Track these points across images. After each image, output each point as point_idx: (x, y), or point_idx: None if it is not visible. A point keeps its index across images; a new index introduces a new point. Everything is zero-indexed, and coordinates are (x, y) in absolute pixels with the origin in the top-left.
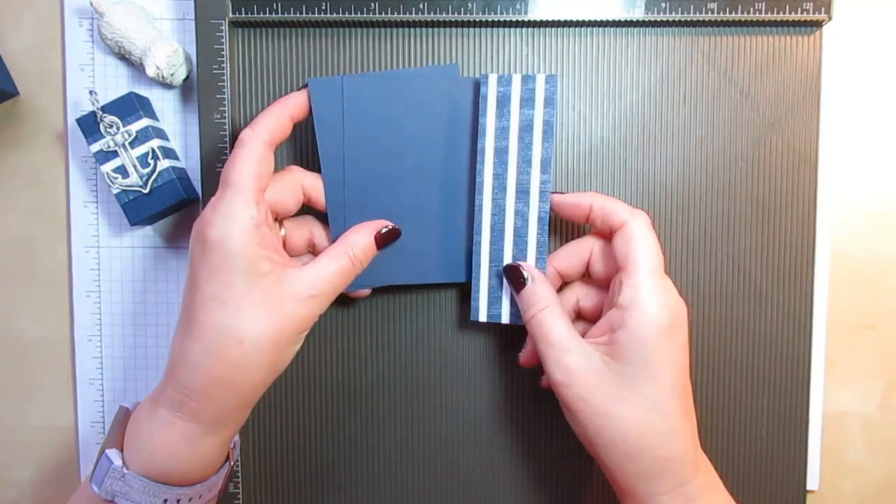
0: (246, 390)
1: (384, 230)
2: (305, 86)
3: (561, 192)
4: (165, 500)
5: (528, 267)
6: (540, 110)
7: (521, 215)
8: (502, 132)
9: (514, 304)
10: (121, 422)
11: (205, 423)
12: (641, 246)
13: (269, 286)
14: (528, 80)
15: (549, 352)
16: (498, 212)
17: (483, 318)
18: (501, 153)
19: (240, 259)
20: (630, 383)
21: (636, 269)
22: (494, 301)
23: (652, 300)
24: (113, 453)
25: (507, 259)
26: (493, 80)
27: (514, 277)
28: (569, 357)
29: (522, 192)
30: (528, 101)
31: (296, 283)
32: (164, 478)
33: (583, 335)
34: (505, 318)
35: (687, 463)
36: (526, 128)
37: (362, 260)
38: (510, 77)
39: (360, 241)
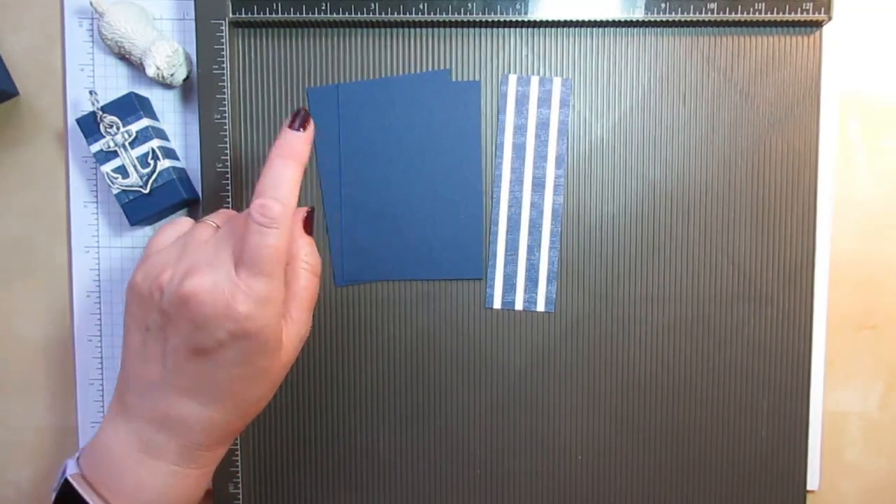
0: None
1: (306, 214)
2: (296, 120)
3: None
4: None
5: None
6: (556, 110)
7: (537, 207)
8: (520, 129)
9: (527, 291)
10: (88, 487)
11: (213, 465)
12: None
13: (280, 353)
14: (545, 81)
15: None
16: (514, 203)
17: (498, 305)
18: (519, 149)
19: (272, 343)
20: None
21: None
22: (509, 289)
23: None
24: None
25: (523, 248)
26: (513, 80)
27: None
28: None
29: (538, 186)
30: (544, 101)
31: (290, 344)
32: None
33: None
34: (519, 305)
35: None
36: (542, 125)
37: (312, 262)
38: (529, 78)
39: (297, 251)
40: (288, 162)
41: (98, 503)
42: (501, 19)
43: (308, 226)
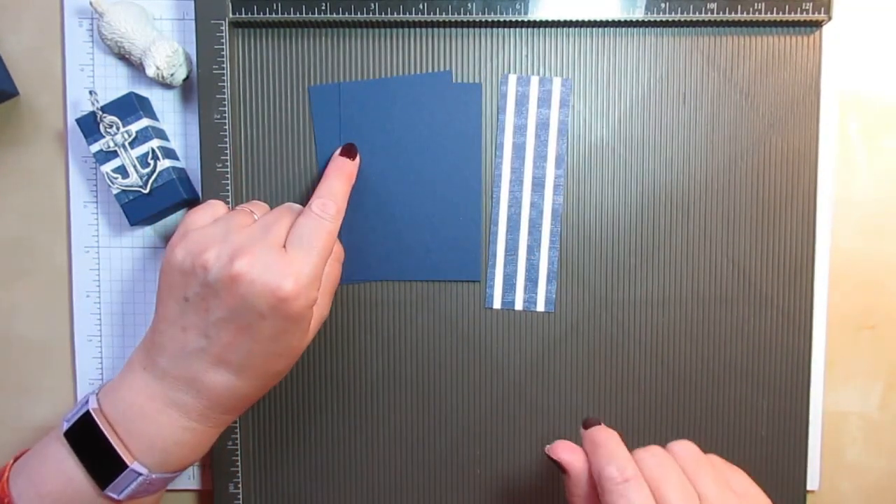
0: None
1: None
2: (350, 151)
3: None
4: (176, 476)
5: (566, 455)
6: (556, 110)
7: (536, 207)
8: (520, 129)
9: (527, 291)
10: (110, 428)
11: (222, 427)
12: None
13: (307, 335)
14: (545, 81)
15: None
16: (514, 203)
17: (497, 305)
18: (519, 149)
19: (307, 322)
20: None
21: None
22: (509, 289)
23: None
24: (138, 466)
25: (523, 248)
26: (513, 80)
27: (555, 462)
28: None
29: (538, 186)
30: (544, 101)
31: (315, 321)
32: (182, 467)
33: None
34: (518, 305)
35: None
36: (542, 125)
37: (337, 253)
38: (528, 78)
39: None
40: (342, 177)
41: (114, 440)
42: (501, 19)
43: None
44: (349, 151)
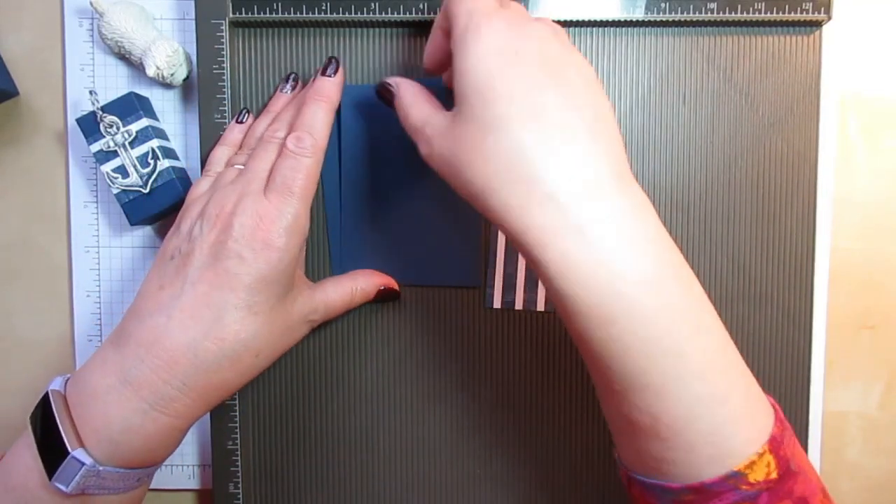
0: (231, 394)
1: (386, 288)
2: (329, 67)
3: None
4: (139, 479)
5: (393, 79)
6: None
7: None
8: None
9: (527, 291)
10: (64, 411)
11: (186, 420)
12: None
13: (289, 305)
14: None
15: (416, 136)
16: None
17: (498, 304)
18: None
19: (286, 277)
20: (463, 119)
21: (456, 10)
22: (509, 288)
23: (470, 30)
24: (80, 454)
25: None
26: None
27: (384, 95)
28: (426, 128)
29: None
30: None
31: (305, 305)
32: (139, 464)
33: None
34: (519, 305)
35: (565, 185)
36: None
37: (358, 302)
38: None
39: (365, 286)
40: (320, 103)
41: (64, 423)
42: None
43: (379, 295)
44: (332, 67)
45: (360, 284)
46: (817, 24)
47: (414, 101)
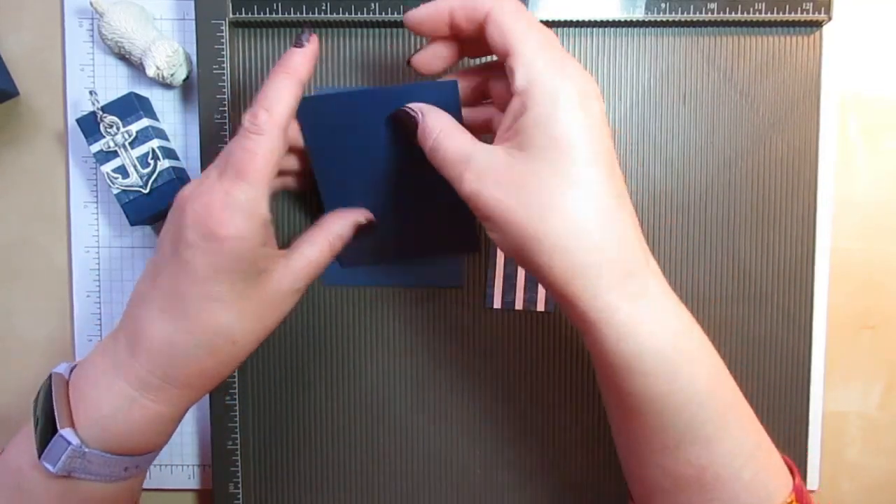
0: (221, 379)
1: (363, 223)
2: (300, 38)
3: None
4: (126, 468)
5: (416, 106)
6: None
7: None
8: None
9: (527, 291)
10: (62, 393)
11: (176, 407)
12: (517, 22)
13: (264, 285)
14: None
15: (454, 170)
16: None
17: (498, 304)
18: None
19: (246, 262)
20: (540, 167)
21: (521, 46)
22: (509, 289)
23: (549, 73)
24: (68, 433)
25: None
26: None
27: (406, 122)
28: (471, 164)
29: None
30: None
31: (284, 278)
32: (126, 451)
33: None
34: (519, 305)
35: (631, 253)
36: None
37: (338, 248)
38: None
39: (341, 231)
40: (281, 75)
41: (61, 406)
42: None
43: (358, 230)
44: (304, 37)
45: (335, 231)
46: (817, 25)
47: (450, 133)
